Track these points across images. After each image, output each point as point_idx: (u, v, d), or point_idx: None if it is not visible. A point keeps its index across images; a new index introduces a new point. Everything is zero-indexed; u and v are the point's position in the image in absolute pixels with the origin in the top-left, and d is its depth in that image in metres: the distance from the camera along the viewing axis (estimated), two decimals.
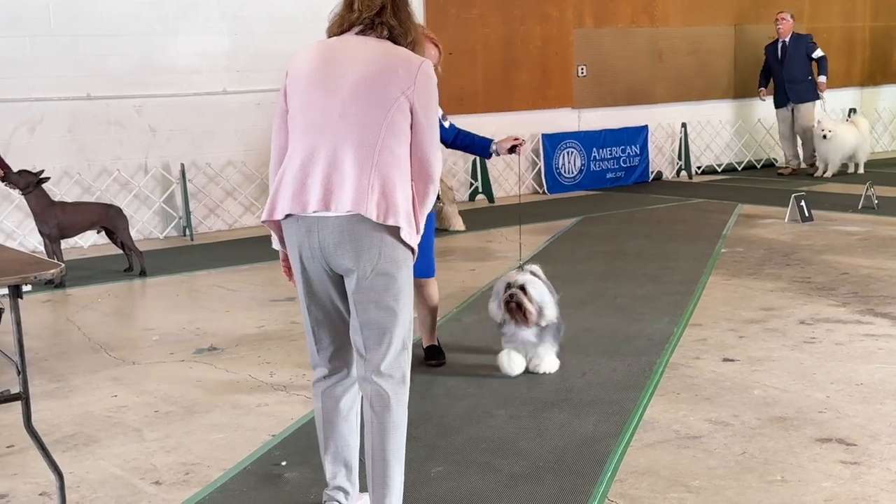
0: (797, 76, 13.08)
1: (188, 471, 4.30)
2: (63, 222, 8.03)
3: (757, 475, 4.06)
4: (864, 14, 15.69)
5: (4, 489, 4.16)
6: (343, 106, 3.37)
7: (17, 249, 4.46)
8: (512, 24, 12.33)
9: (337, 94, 3.38)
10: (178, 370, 5.75)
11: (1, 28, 9.23)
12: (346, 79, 3.38)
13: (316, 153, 3.37)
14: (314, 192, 3.33)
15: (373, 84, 3.36)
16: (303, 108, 3.44)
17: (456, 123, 5.54)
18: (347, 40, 3.48)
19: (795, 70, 13.08)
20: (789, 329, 6.18)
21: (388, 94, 3.35)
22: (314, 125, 3.40)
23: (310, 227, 3.36)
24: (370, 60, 3.40)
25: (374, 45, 3.44)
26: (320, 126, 3.39)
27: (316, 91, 3.42)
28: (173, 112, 10.13)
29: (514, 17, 12.33)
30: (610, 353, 5.79)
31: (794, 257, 8.31)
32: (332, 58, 3.45)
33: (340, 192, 3.31)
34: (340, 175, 3.33)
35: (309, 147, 3.39)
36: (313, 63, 3.46)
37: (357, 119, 3.35)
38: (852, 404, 4.85)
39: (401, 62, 3.40)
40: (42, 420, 4.81)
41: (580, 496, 3.89)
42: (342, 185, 3.31)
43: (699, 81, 13.97)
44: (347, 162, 3.33)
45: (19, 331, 3.75)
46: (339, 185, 3.31)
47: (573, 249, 9.05)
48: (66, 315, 7.14)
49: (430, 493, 3.94)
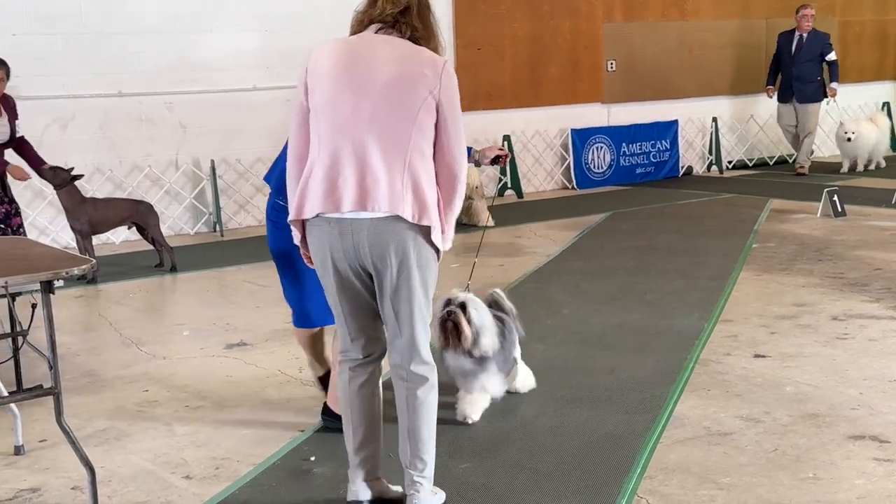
0: (806, 75, 12.77)
1: (218, 465, 4.32)
2: (94, 218, 8.09)
3: (789, 472, 4.03)
4: None
5: (37, 483, 4.19)
6: (373, 106, 3.38)
7: (50, 245, 4.49)
8: (541, 20, 12.29)
9: (366, 94, 3.40)
10: (209, 365, 5.78)
11: (33, 26, 9.30)
12: (374, 78, 3.40)
13: (345, 153, 3.39)
14: (348, 192, 3.36)
15: (402, 84, 3.39)
16: (328, 107, 3.44)
17: (484, 118, 5.49)
18: (371, 39, 3.49)
19: (806, 69, 12.77)
20: (821, 325, 6.13)
21: (417, 95, 3.38)
22: (343, 125, 3.41)
23: (343, 230, 3.40)
24: (397, 60, 3.41)
25: (399, 44, 3.46)
26: (350, 126, 3.40)
27: (343, 90, 3.43)
28: (203, 109, 10.17)
29: (542, 12, 12.30)
30: (639, 348, 5.76)
31: (827, 252, 8.24)
32: (358, 56, 3.45)
33: (376, 192, 3.34)
34: (374, 176, 3.35)
35: (337, 147, 3.41)
36: (338, 61, 3.46)
37: (388, 119, 3.38)
38: (886, 401, 4.80)
39: (427, 63, 3.43)
40: (74, 415, 4.85)
41: (609, 493, 3.88)
42: (377, 185, 3.35)
43: (730, 76, 13.87)
44: (379, 163, 3.36)
45: (51, 326, 3.78)
46: (373, 186, 3.35)
47: (602, 245, 9.01)
48: (98, 310, 7.19)
49: (458, 489, 3.94)
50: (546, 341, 5.98)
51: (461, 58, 11.69)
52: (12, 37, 9.17)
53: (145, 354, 6.04)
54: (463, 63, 11.68)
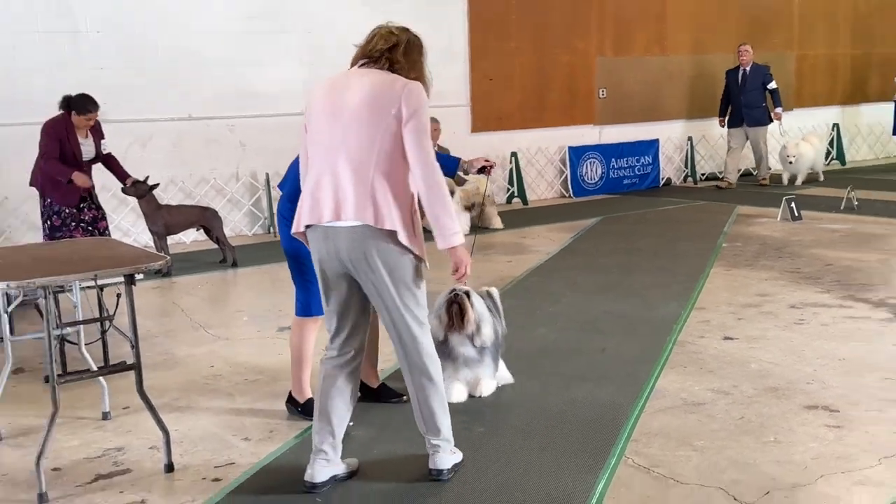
0: (753, 102, 12.58)
1: (272, 429, 4.33)
2: (169, 222, 8.13)
3: (753, 437, 4.01)
4: (844, 43, 15.42)
5: (121, 443, 4.22)
6: (343, 131, 3.37)
7: (132, 245, 4.51)
8: (543, 55, 12.26)
9: (339, 122, 3.38)
10: (264, 345, 5.79)
11: (118, 62, 9.35)
12: (345, 106, 3.37)
13: (325, 173, 3.39)
14: (326, 206, 3.36)
15: (366, 108, 3.34)
16: (314, 134, 3.45)
17: (495, 138, 5.38)
18: (350, 73, 3.48)
19: (752, 97, 12.57)
20: (781, 312, 6.09)
21: (382, 114, 3.33)
22: (323, 149, 3.42)
23: (326, 235, 3.40)
24: (367, 87, 3.37)
25: (372, 74, 3.42)
26: (327, 149, 3.40)
27: (324, 119, 3.42)
28: (259, 130, 10.19)
29: (545, 47, 12.26)
30: (627, 332, 5.74)
31: (786, 251, 8.19)
32: (336, 90, 3.44)
33: (346, 205, 3.33)
34: (344, 191, 3.34)
35: (319, 168, 3.41)
36: (322, 95, 3.46)
37: (354, 142, 3.35)
38: (836, 377, 4.78)
39: (390, 83, 3.38)
40: (152, 387, 4.86)
41: (602, 453, 3.87)
42: (346, 199, 3.33)
43: (703, 101, 13.75)
44: (349, 179, 3.34)
45: (133, 312, 3.80)
46: (344, 200, 3.33)
47: (595, 245, 8.99)
48: (172, 299, 7.23)
49: (475, 451, 3.94)
50: (548, 326, 5.97)
51: (476, 87, 11.68)
52: (101, 70, 9.22)
53: (211, 336, 6.06)
54: (477, 91, 11.69)
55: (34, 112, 8.55)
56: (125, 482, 3.79)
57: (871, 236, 8.73)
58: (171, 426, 4.20)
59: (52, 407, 3.68)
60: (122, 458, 4.05)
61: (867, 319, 5.84)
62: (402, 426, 4.21)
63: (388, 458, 3.91)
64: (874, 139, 15.99)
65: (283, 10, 10.26)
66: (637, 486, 3.58)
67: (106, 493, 3.69)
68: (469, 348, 4.46)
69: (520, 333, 5.66)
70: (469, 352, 4.47)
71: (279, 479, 3.76)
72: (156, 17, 9.54)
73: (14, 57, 8.84)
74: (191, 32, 9.73)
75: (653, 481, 3.61)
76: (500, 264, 8.12)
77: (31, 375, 5.28)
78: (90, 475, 3.87)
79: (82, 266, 3.79)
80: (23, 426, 4.47)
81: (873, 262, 7.53)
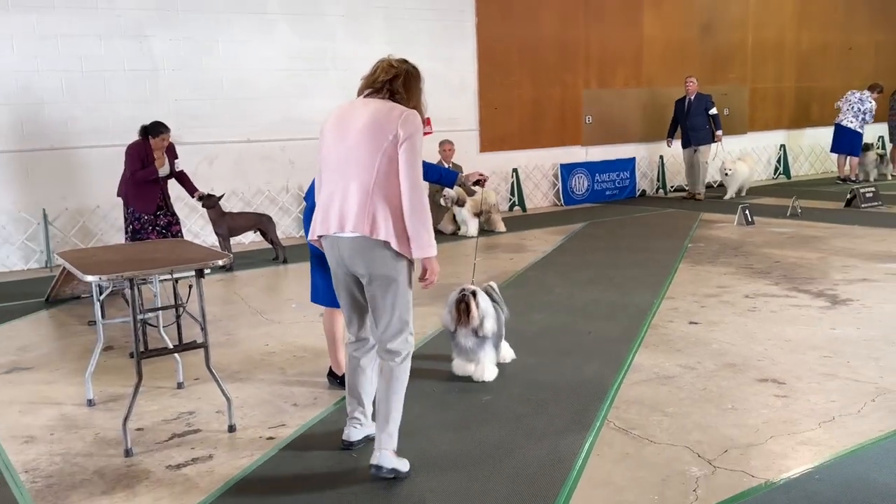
0: (698, 126, 12.27)
1: (315, 397, 4.34)
2: (231, 226, 8.16)
3: (714, 404, 3.99)
4: (790, 77, 15.31)
5: (192, 408, 4.24)
6: (348, 153, 3.25)
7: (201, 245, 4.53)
8: (539, 88, 12.22)
9: (344, 145, 3.27)
10: (310, 327, 5.80)
11: (190, 93, 9.39)
12: (349, 131, 3.27)
13: (334, 190, 3.29)
14: (334, 218, 3.27)
15: (367, 133, 3.22)
16: (325, 156, 3.35)
17: (499, 157, 5.32)
18: (356, 102, 3.36)
19: (697, 121, 12.27)
20: (737, 301, 6.06)
21: (380, 139, 3.19)
22: (332, 169, 3.31)
23: (332, 243, 3.32)
24: (367, 114, 3.26)
25: (374, 103, 3.30)
26: (335, 169, 3.30)
27: (332, 143, 3.32)
28: (306, 150, 10.20)
29: (541, 82, 12.22)
30: (609, 317, 5.72)
31: (741, 250, 8.14)
32: (343, 117, 3.32)
33: (349, 218, 3.23)
34: (349, 205, 3.23)
35: (330, 185, 3.31)
36: (332, 122, 3.36)
37: (357, 162, 3.22)
38: (783, 355, 4.74)
39: (388, 110, 3.25)
40: (217, 361, 4.89)
41: (588, 417, 3.86)
42: (350, 213, 3.23)
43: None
44: (352, 196, 3.23)
45: (202, 300, 3.82)
46: (348, 213, 3.23)
47: (582, 245, 8.96)
48: (234, 290, 7.25)
49: (482, 413, 3.93)
50: (543, 312, 5.95)
51: (483, 114, 11.65)
52: (175, 102, 9.26)
53: (266, 320, 6.08)
54: (484, 117, 11.66)
55: (120, 137, 8.63)
56: (196, 440, 3.81)
57: (812, 238, 8.66)
58: (233, 394, 4.22)
59: (136, 378, 3.70)
60: (193, 420, 4.07)
61: (808, 307, 5.80)
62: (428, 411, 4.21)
63: (407, 422, 3.91)
64: (815, 157, 15.87)
65: (323, 52, 10.28)
66: (618, 444, 3.56)
67: (180, 448, 3.71)
68: (472, 339, 4.36)
69: (520, 318, 5.66)
70: (472, 342, 4.37)
71: (322, 438, 3.77)
72: (221, 58, 9.57)
73: (104, 91, 8.89)
74: (249, 70, 9.76)
75: (631, 441, 3.59)
76: (504, 261, 8.11)
77: (119, 352, 5.32)
78: (167, 434, 3.89)
79: (161, 262, 3.81)
80: (112, 394, 4.50)
81: (814, 260, 7.47)
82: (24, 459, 3.64)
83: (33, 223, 8.61)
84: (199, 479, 3.38)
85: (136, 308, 3.73)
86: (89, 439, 3.86)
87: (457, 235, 9.92)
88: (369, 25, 10.54)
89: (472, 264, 8.00)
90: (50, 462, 3.61)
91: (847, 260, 7.38)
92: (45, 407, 4.33)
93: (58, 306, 6.73)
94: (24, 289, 7.51)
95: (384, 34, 10.61)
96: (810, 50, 15.44)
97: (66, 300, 6.90)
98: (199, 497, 3.22)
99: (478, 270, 7.70)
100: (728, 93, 13.80)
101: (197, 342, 3.90)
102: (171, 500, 3.20)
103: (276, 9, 9.91)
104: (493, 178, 11.78)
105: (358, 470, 3.40)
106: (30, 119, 8.55)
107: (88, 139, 8.83)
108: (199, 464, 3.53)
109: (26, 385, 4.70)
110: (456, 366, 4.51)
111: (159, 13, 9.14)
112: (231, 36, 9.61)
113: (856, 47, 15.99)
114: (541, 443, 3.59)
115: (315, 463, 3.50)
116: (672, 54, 13.56)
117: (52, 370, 4.97)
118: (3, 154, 8.47)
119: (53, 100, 8.64)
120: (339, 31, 10.36)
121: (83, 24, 8.72)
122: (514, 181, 12.00)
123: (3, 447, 3.79)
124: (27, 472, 3.52)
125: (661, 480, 3.21)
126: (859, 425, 3.67)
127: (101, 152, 8.84)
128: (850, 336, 5.05)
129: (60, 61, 8.64)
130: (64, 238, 8.77)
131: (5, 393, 4.57)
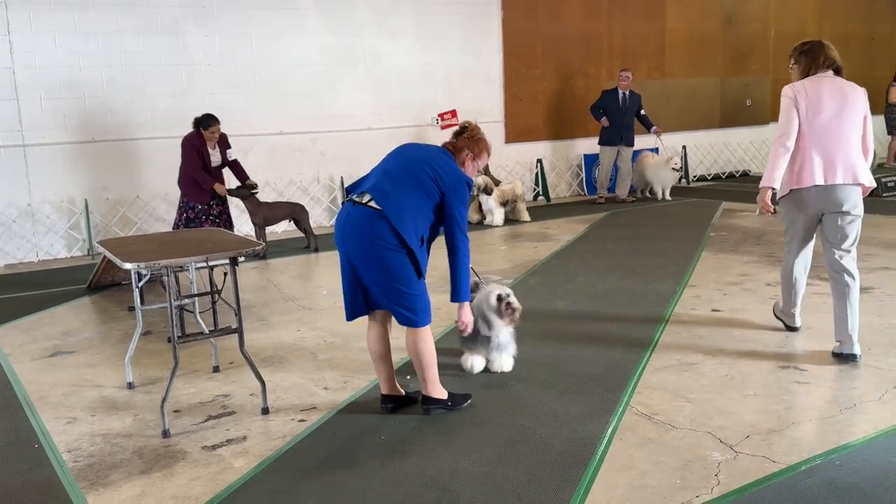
0: (630, 125, 11.33)
1: (346, 380, 4.35)
2: (266, 215, 8.20)
3: (736, 391, 3.93)
4: None
5: (228, 391, 4.27)
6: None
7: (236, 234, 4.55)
8: (562, 80, 12.10)
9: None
10: (340, 314, 5.79)
11: (226, 88, 9.43)
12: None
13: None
14: (839, 171, 4.28)
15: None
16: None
17: (524, 147, 5.22)
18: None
19: (629, 119, 11.30)
20: (759, 289, 5.96)
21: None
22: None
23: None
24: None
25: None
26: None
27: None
28: (336, 142, 10.21)
29: (564, 74, 12.10)
30: (631, 304, 5.66)
31: (763, 239, 8.01)
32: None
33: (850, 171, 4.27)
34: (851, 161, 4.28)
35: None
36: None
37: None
38: (804, 342, 4.66)
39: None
40: (251, 346, 4.92)
41: (612, 403, 3.82)
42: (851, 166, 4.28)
43: (695, 116, 13.50)
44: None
45: (236, 287, 3.83)
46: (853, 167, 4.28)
47: (605, 233, 8.87)
48: (267, 277, 7.29)
49: (508, 399, 3.91)
50: (566, 300, 5.90)
51: (509, 106, 11.57)
52: (211, 95, 9.30)
53: (298, 306, 6.10)
54: (510, 110, 11.58)
55: (159, 129, 8.70)
56: (230, 422, 3.83)
57: None
58: (267, 377, 4.24)
59: (174, 361, 3.72)
60: (228, 402, 4.09)
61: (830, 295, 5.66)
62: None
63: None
64: None
65: (353, 47, 10.25)
66: (640, 429, 3.52)
67: (216, 430, 3.74)
68: (506, 334, 4.29)
69: (543, 305, 5.61)
70: (505, 336, 4.29)
71: (351, 420, 3.77)
72: (254, 53, 9.59)
73: (143, 85, 8.96)
74: (282, 65, 9.77)
75: (653, 426, 3.55)
76: (528, 249, 8.06)
77: (157, 337, 5.37)
78: (203, 415, 3.92)
79: (197, 250, 3.83)
80: (150, 376, 4.55)
81: None
82: (67, 440, 3.69)
83: (76, 213, 8.72)
84: (234, 460, 3.40)
85: (173, 295, 3.74)
86: (129, 420, 3.90)
87: (482, 225, 9.88)
88: (398, 20, 10.49)
89: (497, 253, 7.96)
90: (91, 442, 3.66)
91: (868, 248, 7.22)
92: (87, 389, 4.38)
93: (99, 293, 6.82)
94: (67, 276, 7.62)
95: (413, 29, 10.56)
96: (832, 40, 14.91)
97: (107, 287, 6.99)
98: (234, 477, 3.23)
99: (503, 259, 7.67)
100: (750, 84, 13.56)
101: (231, 327, 3.92)
102: (206, 480, 3.22)
103: (306, 4, 9.90)
104: (518, 169, 11.71)
105: (387, 450, 3.40)
106: (72, 112, 8.65)
107: (128, 132, 8.91)
108: (233, 444, 3.55)
109: (69, 368, 4.76)
110: (475, 362, 4.32)
111: (194, 10, 9.18)
112: (263, 32, 9.62)
113: (878, 37, 15.63)
114: (566, 426, 3.56)
115: (345, 445, 3.50)
116: (695, 46, 13.35)
117: (93, 354, 5.04)
118: (48, 147, 8.57)
119: (94, 94, 8.73)
120: (369, 27, 10.33)
121: (122, 21, 8.79)
122: (538, 171, 11.91)
123: (47, 428, 3.84)
124: (69, 451, 3.56)
125: (682, 465, 3.16)
126: (880, 412, 3.59)
127: (140, 144, 8.91)
128: (872, 323, 4.94)
129: (101, 56, 8.71)
130: (105, 227, 8.88)
131: (49, 376, 4.64)
